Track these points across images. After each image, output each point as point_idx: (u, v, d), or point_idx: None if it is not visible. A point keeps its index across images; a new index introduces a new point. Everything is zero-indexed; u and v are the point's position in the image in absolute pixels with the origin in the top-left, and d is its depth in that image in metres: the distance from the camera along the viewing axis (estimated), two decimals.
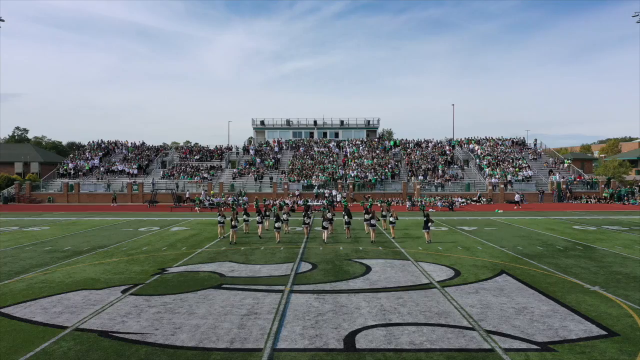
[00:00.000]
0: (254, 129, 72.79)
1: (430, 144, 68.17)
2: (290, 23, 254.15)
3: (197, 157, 65.39)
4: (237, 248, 21.74)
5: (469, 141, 68.98)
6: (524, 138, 69.51)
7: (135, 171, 60.70)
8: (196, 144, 76.24)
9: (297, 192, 53.95)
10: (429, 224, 23.76)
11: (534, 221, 33.69)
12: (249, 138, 74.90)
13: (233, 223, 23.47)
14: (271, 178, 57.60)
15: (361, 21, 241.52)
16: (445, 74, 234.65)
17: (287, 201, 47.34)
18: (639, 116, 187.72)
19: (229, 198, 49.08)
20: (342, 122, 71.72)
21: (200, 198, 49.12)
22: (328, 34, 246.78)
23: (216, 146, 68.63)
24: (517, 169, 58.19)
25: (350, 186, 54.47)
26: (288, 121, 72.11)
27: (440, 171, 59.09)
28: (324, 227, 23.92)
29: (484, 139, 69.90)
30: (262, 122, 71.96)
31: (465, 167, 61.87)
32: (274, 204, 31.25)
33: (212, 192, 51.95)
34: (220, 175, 60.55)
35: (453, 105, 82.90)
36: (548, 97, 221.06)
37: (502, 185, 53.86)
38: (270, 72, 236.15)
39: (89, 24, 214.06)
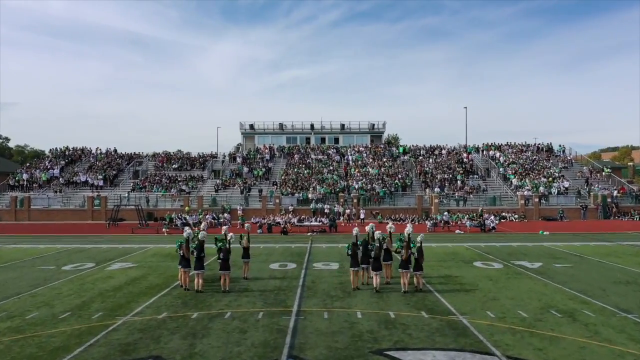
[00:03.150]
0: (242, 134, 63.94)
1: (444, 151, 59.48)
2: (287, 32, 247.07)
3: (175, 165, 56.42)
4: (187, 315, 12.86)
5: (488, 147, 60.32)
6: (550, 144, 60.97)
7: (101, 182, 51.68)
8: (178, 150, 67.36)
9: (290, 208, 45.05)
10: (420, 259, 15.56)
11: (608, 250, 24.96)
12: (237, 144, 66.03)
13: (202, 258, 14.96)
14: (260, 190, 48.67)
15: (358, 30, 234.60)
16: (442, 82, 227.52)
17: (278, 220, 38.45)
18: (639, 124, 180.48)
19: (207, 216, 40.09)
20: (342, 126, 63.00)
21: (172, 216, 40.15)
22: (324, 43, 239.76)
23: (198, 153, 59.72)
24: (550, 180, 49.50)
25: (355, 200, 45.62)
26: (281, 125, 63.32)
27: (459, 182, 50.34)
28: (374, 269, 15.62)
29: (505, 145, 61.28)
30: (252, 127, 63.15)
31: (487, 177, 53.17)
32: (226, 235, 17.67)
33: (187, 207, 42.98)
34: (201, 188, 51.59)
35: (465, 108, 74.16)
36: (545, 105, 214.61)
37: (537, 199, 45.13)
38: (267, 80, 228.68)
39: (83, 33, 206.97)
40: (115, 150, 61.56)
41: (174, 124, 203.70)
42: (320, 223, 35.75)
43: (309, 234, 34.35)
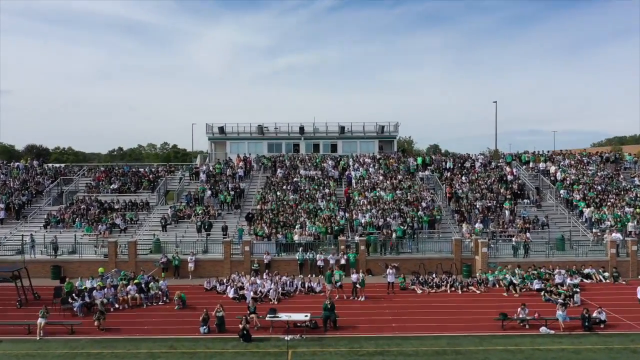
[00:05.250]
0: (209, 139, 48.69)
1: (477, 163, 44.54)
2: (282, 17, 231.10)
3: (114, 186, 41.32)
4: None
5: (535, 157, 45.39)
6: (618, 153, 46.07)
7: (1, 215, 36.66)
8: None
9: (266, 258, 30.25)
10: None
11: None
12: (203, 153, 50.73)
13: None
14: (224, 229, 33.70)
15: (355, 15, 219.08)
16: (440, 68, 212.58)
17: (245, 284, 23.76)
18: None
19: (120, 290, 25.11)
20: (342, 129, 47.75)
21: (78, 284, 25.35)
22: (320, 29, 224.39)
23: (150, 168, 44.60)
24: (638, 210, 34.72)
25: (362, 247, 30.77)
26: (261, 128, 48.04)
27: (507, 212, 35.51)
28: None
29: (558, 154, 46.46)
30: (222, 130, 47.82)
31: (541, 202, 38.36)
32: None
33: (100, 269, 27.98)
34: (145, 220, 36.64)
35: (495, 102, 59.58)
36: (541, 92, 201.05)
37: (634, 246, 30.32)
38: (262, 67, 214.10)
39: (75, 19, 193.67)
40: (41, 163, 46.45)
41: (167, 111, 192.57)
42: (308, 319, 20.76)
43: (287, 337, 19.67)
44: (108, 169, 44.65)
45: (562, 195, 38.15)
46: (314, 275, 29.96)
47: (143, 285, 25.19)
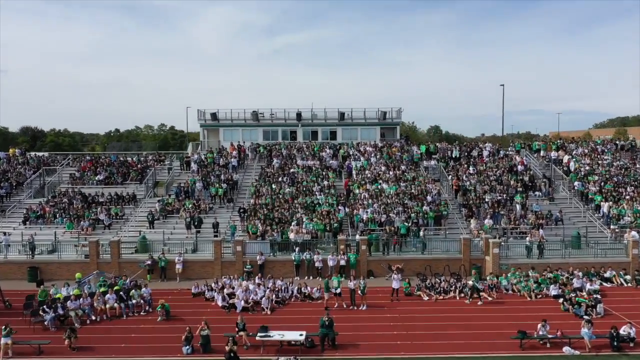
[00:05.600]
0: (201, 126, 46.03)
1: (485, 150, 42.02)
2: None
3: (99, 177, 38.88)
4: None
5: (547, 145, 42.90)
6: (633, 140, 43.57)
7: None
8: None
9: (260, 259, 28.00)
10: None
11: None
12: (195, 142, 48.13)
13: None
14: (215, 225, 31.37)
15: None
16: (439, 47, 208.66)
17: (237, 292, 21.60)
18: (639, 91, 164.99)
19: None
20: (342, 114, 45.06)
21: (52, 291, 23.10)
22: (321, 7, 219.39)
23: (139, 157, 42.11)
24: None
25: (363, 247, 28.47)
26: (256, 114, 45.35)
27: (517, 206, 33.18)
28: None
29: (570, 143, 43.99)
30: (215, 116, 45.16)
31: (554, 194, 36.00)
32: None
33: (77, 275, 25.68)
34: (131, 215, 34.32)
35: (502, 85, 56.68)
36: (543, 71, 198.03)
37: None
38: (262, 46, 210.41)
39: None
40: (23, 152, 43.94)
41: (165, 93, 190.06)
42: (303, 338, 18.52)
43: (281, 359, 17.49)
44: (94, 159, 42.13)
45: (576, 188, 35.77)
46: (311, 278, 27.83)
47: (123, 294, 22.93)
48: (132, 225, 33.05)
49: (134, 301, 22.78)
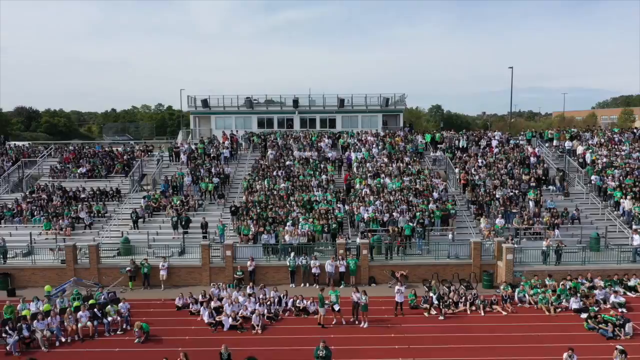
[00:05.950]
0: (192, 114, 43.28)
1: (493, 140, 39.37)
2: None
3: (82, 170, 36.34)
4: None
5: (560, 134, 40.22)
6: None
7: None
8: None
9: (251, 265, 25.64)
10: None
11: None
12: (185, 130, 45.33)
13: None
14: (204, 225, 28.92)
15: None
16: (440, 24, 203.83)
17: (226, 309, 19.35)
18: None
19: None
20: (341, 101, 42.25)
21: (20, 306, 20.78)
22: None
23: (124, 147, 39.48)
24: None
25: (364, 251, 26.07)
26: (250, 101, 42.54)
27: (531, 203, 30.72)
28: None
29: (585, 131, 41.33)
30: (206, 103, 42.33)
31: (568, 188, 33.50)
32: None
33: (46, 288, 23.28)
34: (115, 213, 31.89)
35: (511, 68, 53.73)
36: (545, 48, 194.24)
37: None
38: (261, 22, 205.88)
39: None
40: (3, 141, 41.28)
41: (162, 72, 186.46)
42: None
43: None
44: (77, 149, 39.51)
45: (593, 182, 33.26)
46: (307, 285, 25.55)
47: (97, 311, 20.62)
48: (115, 224, 30.63)
49: (109, 319, 20.46)
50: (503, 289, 23.48)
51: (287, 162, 35.39)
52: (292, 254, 25.96)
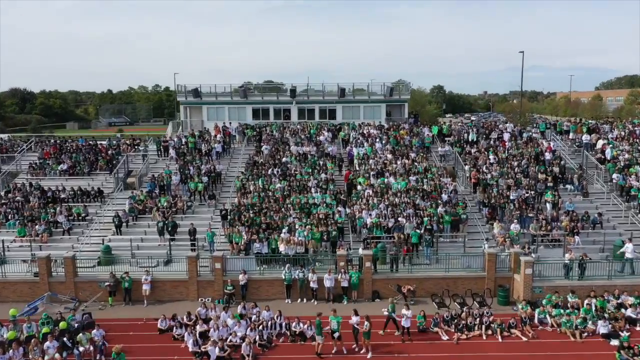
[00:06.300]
0: (182, 104, 40.47)
1: (505, 133, 36.68)
2: None
3: (63, 166, 33.80)
4: None
5: (577, 126, 37.51)
6: None
7: None
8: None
9: (242, 279, 23.29)
10: None
11: None
12: (175, 121, 42.51)
13: None
14: (192, 232, 26.45)
15: None
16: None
17: (208, 349, 17.03)
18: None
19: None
20: (342, 91, 39.41)
21: None
22: None
23: (110, 142, 36.81)
24: None
25: (367, 264, 23.64)
26: (244, 90, 39.71)
27: (548, 205, 28.24)
28: None
29: (603, 123, 38.66)
30: (197, 92, 39.47)
31: (584, 185, 30.97)
32: None
33: (11, 312, 20.91)
34: (97, 215, 29.42)
35: (522, 52, 50.78)
36: (547, 26, 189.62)
37: None
38: (260, 3, 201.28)
39: None
40: None
41: (159, 52, 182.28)
42: None
43: None
44: (59, 143, 36.87)
45: (615, 181, 30.71)
46: (305, 300, 23.27)
47: (67, 340, 18.30)
48: (97, 229, 28.19)
49: (81, 349, 18.15)
50: (522, 308, 21.16)
51: (284, 159, 32.77)
52: (287, 266, 23.54)
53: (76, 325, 19.80)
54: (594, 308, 20.94)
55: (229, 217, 27.23)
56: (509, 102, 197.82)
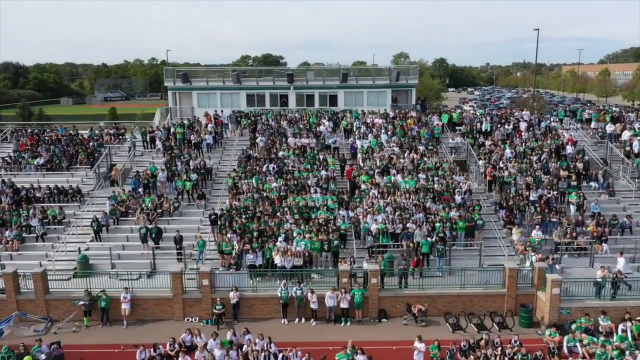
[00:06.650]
0: (170, 89, 37.31)
1: (521, 122, 33.70)
2: None
3: (40, 160, 30.97)
4: None
5: (599, 114, 34.52)
6: None
7: None
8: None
9: (234, 297, 20.78)
10: None
11: None
12: (163, 108, 39.29)
13: None
14: (178, 240, 23.81)
15: None
16: None
17: None
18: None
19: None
20: (344, 75, 36.20)
21: None
22: None
23: (93, 132, 33.88)
24: None
25: (373, 280, 21.06)
26: (237, 74, 36.49)
27: (572, 207, 25.57)
28: None
29: (629, 112, 35.66)
30: (186, 77, 36.23)
31: (609, 181, 28.24)
32: None
33: None
34: (74, 217, 26.75)
35: (537, 30, 47.30)
36: None
37: None
38: None
39: None
40: None
41: (153, 23, 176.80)
42: None
43: None
44: (37, 133, 33.92)
45: None
46: (303, 320, 20.82)
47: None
48: (74, 233, 25.52)
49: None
50: (549, 335, 18.68)
51: (280, 153, 29.91)
52: (284, 282, 20.98)
53: (43, 358, 17.37)
54: (629, 334, 18.52)
55: (219, 222, 24.53)
56: (513, 76, 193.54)
